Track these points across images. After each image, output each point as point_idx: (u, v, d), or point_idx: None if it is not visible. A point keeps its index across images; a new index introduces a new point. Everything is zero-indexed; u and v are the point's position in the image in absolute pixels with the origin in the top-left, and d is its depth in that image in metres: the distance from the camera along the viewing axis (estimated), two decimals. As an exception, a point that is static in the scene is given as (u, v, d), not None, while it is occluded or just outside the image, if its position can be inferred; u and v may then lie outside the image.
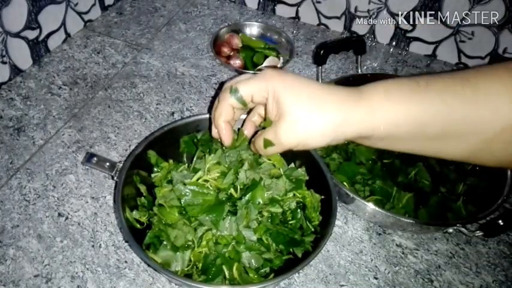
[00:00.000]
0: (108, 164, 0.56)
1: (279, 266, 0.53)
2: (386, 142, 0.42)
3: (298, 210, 0.56)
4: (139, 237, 0.53)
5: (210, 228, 0.52)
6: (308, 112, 0.42)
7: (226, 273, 0.50)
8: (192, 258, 0.52)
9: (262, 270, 0.52)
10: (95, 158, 0.56)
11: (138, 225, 0.53)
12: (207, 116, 0.64)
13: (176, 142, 0.62)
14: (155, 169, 0.59)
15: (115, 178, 0.55)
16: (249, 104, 0.47)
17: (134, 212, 0.53)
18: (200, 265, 0.52)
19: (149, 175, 0.59)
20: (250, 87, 0.45)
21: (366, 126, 0.41)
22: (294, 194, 0.57)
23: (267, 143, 0.46)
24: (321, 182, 0.58)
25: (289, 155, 0.62)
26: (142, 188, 0.56)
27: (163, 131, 0.60)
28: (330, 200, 0.55)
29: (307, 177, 0.59)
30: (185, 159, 0.62)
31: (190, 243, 0.52)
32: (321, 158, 0.60)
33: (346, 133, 0.41)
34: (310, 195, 0.57)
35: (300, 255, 0.52)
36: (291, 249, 0.53)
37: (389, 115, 0.40)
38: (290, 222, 0.56)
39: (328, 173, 0.58)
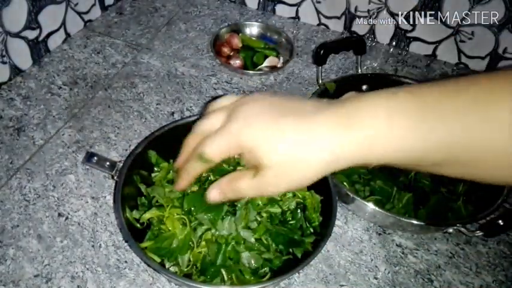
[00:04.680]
0: (108, 163, 0.56)
1: (278, 266, 0.53)
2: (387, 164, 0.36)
3: (298, 210, 0.56)
4: (140, 237, 0.53)
5: (209, 228, 0.52)
6: (292, 158, 0.35)
7: (225, 276, 0.50)
8: (191, 259, 0.52)
9: (261, 271, 0.52)
10: (95, 158, 0.56)
11: (138, 225, 0.53)
12: None
13: (176, 142, 0.62)
14: (155, 169, 0.59)
15: (115, 178, 0.55)
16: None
17: (134, 212, 0.53)
18: (199, 265, 0.52)
19: (149, 175, 0.59)
20: (219, 148, 0.40)
21: (361, 157, 0.35)
22: (294, 195, 0.57)
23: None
24: (321, 182, 0.57)
25: None
26: (143, 188, 0.56)
27: (163, 130, 0.60)
28: (330, 200, 0.55)
29: None
30: None
31: (190, 243, 0.52)
32: None
33: (340, 166, 0.36)
34: (310, 196, 0.57)
35: (299, 255, 0.52)
36: (290, 250, 0.53)
37: (390, 148, 0.33)
38: (290, 222, 0.56)
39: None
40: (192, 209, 0.53)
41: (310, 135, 0.35)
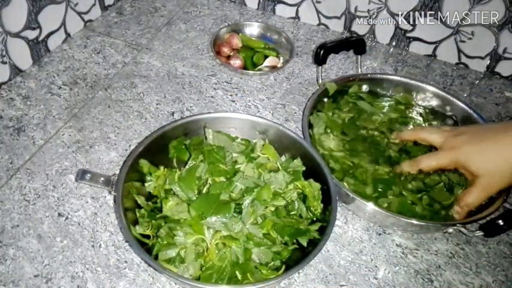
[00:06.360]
0: (102, 179, 0.55)
1: (287, 257, 0.53)
2: None
3: (295, 201, 0.57)
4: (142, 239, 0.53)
5: (218, 231, 0.53)
6: (496, 169, 0.55)
7: (239, 276, 0.50)
8: (203, 264, 0.52)
9: (270, 264, 0.52)
10: (89, 174, 0.55)
11: (147, 240, 0.53)
12: (194, 118, 0.64)
13: (164, 148, 0.62)
14: (148, 178, 0.59)
15: (112, 192, 0.54)
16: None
17: (137, 227, 0.53)
18: (212, 269, 0.52)
19: (143, 184, 0.59)
20: (439, 163, 0.61)
21: None
22: (294, 186, 0.58)
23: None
24: (321, 182, 0.58)
25: (280, 148, 0.63)
26: (140, 200, 0.56)
27: (152, 138, 0.59)
28: (327, 187, 0.56)
29: (303, 168, 0.60)
30: (175, 164, 0.62)
31: (200, 250, 0.52)
32: (312, 147, 0.61)
33: None
34: (309, 185, 0.57)
35: (305, 244, 0.53)
36: (295, 240, 0.54)
37: None
38: (292, 213, 0.57)
39: (322, 160, 0.59)
40: (201, 213, 0.53)
41: (506, 151, 0.55)
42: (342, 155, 0.66)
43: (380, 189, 0.62)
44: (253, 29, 0.95)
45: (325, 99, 0.74)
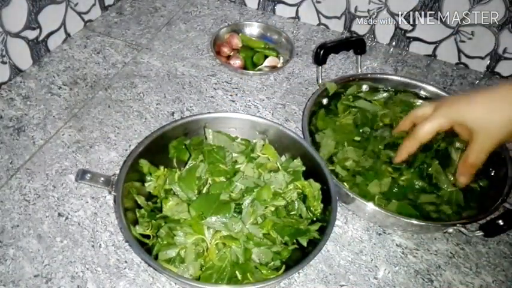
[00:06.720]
0: (102, 179, 0.55)
1: (287, 257, 0.53)
2: None
3: (295, 201, 0.57)
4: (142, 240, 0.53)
5: (218, 231, 0.53)
6: (491, 122, 0.54)
7: (239, 276, 0.50)
8: (203, 264, 0.52)
9: (270, 264, 0.52)
10: (89, 174, 0.55)
11: (147, 240, 0.53)
12: (194, 118, 0.63)
13: (164, 148, 0.62)
14: (148, 178, 0.59)
15: (112, 192, 0.54)
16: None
17: (137, 227, 0.53)
18: (212, 269, 0.52)
19: (143, 184, 0.59)
20: (432, 127, 0.57)
21: None
22: (294, 186, 0.58)
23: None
24: (321, 182, 0.58)
25: (280, 148, 0.63)
26: (140, 200, 0.56)
27: (152, 138, 0.59)
28: (327, 187, 0.56)
29: (303, 168, 0.60)
30: (175, 164, 0.62)
31: (200, 250, 0.52)
32: (312, 147, 0.61)
33: None
34: (309, 185, 0.57)
35: (305, 244, 0.53)
36: (295, 240, 0.54)
37: None
38: (292, 213, 0.57)
39: (322, 160, 0.59)
40: (201, 213, 0.53)
41: (497, 106, 0.54)
42: (360, 169, 0.65)
43: (396, 189, 0.62)
44: (253, 29, 0.95)
45: (324, 101, 0.74)
